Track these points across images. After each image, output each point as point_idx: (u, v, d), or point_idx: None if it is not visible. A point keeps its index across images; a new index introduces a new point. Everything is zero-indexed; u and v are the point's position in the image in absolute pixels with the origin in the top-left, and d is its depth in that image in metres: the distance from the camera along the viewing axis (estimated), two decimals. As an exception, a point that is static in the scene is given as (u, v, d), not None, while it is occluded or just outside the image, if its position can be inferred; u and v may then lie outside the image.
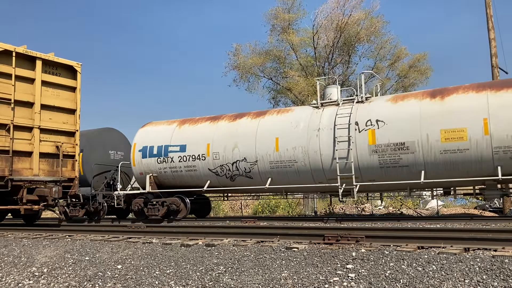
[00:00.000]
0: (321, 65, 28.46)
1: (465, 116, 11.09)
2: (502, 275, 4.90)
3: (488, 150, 10.84)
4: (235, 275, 5.98)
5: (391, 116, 11.94)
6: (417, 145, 11.49)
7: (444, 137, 11.25)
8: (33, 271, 7.33)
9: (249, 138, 13.69)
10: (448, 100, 11.51)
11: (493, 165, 10.88)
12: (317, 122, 12.89)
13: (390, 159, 11.76)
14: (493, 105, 10.87)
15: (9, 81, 11.81)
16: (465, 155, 11.07)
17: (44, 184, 12.27)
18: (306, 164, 12.79)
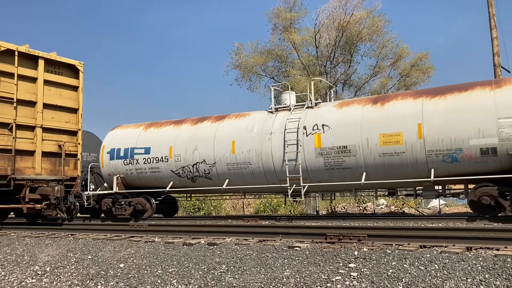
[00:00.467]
0: (323, 64, 28.43)
1: (402, 121, 11.67)
2: (504, 274, 4.90)
3: (422, 153, 11.40)
4: (237, 274, 5.99)
5: (336, 121, 12.56)
6: (358, 148, 12.09)
7: (383, 141, 11.83)
8: (36, 270, 7.35)
9: (209, 141, 14.30)
10: (387, 106, 12.14)
11: (427, 168, 11.44)
12: (270, 126, 13.54)
13: (334, 161, 12.38)
14: (427, 111, 11.47)
15: (12, 80, 11.82)
16: (401, 158, 11.64)
17: (46, 183, 12.29)
18: (259, 166, 13.41)
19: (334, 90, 14.65)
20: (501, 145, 10.62)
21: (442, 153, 11.22)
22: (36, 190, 12.15)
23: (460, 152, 11.05)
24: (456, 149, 11.09)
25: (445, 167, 11.31)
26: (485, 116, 10.82)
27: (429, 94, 11.89)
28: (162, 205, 16.58)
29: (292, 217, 14.30)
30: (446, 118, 11.23)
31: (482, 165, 10.98)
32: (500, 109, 10.70)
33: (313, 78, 14.18)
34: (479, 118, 10.88)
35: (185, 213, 22.84)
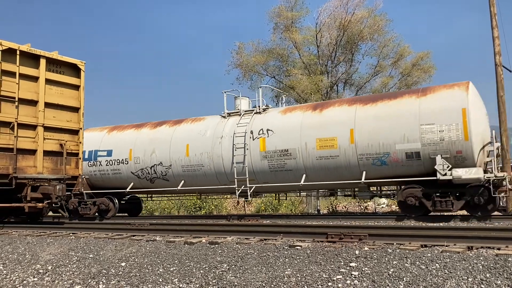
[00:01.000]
0: (324, 63, 28.42)
1: (336, 127, 12.43)
2: (505, 274, 4.90)
3: (354, 157, 12.15)
4: (239, 273, 6.00)
5: (279, 126, 13.35)
6: (298, 152, 12.85)
7: (319, 145, 12.58)
8: (38, 269, 7.37)
9: (165, 144, 15.09)
10: (325, 112, 12.94)
11: (359, 170, 12.18)
12: (221, 131, 14.33)
13: (277, 163, 13.17)
14: (359, 117, 12.23)
15: (13, 79, 11.83)
16: (336, 161, 12.40)
17: (48, 182, 12.30)
18: (211, 168, 14.20)
19: (286, 94, 15.17)
20: (424, 150, 11.34)
21: (372, 157, 11.95)
22: (38, 189, 12.15)
23: (387, 156, 11.75)
24: (384, 153, 11.79)
25: (375, 169, 12.02)
26: (410, 123, 11.52)
27: (362, 101, 12.68)
28: (128, 205, 17.63)
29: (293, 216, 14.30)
30: (375, 124, 11.95)
31: (408, 168, 11.68)
32: (423, 116, 11.41)
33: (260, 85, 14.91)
34: (404, 124, 11.58)
35: (186, 212, 22.87)
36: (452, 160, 11.12)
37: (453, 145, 11.09)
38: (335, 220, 12.25)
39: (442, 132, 11.19)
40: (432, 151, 11.26)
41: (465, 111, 11.08)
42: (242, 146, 13.58)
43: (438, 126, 11.25)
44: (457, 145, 11.07)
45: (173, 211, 23.30)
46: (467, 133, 10.98)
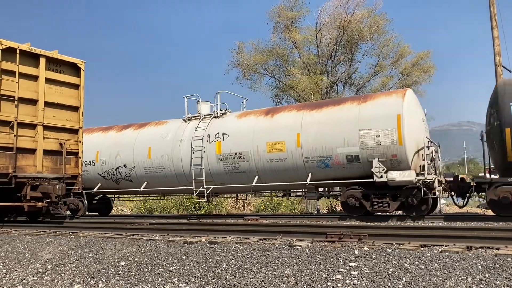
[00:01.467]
0: (324, 63, 28.39)
1: (285, 131, 13.09)
2: (504, 274, 4.91)
3: (301, 160, 12.80)
4: (238, 272, 6.00)
5: (234, 130, 13.99)
6: (250, 155, 13.49)
7: (269, 148, 13.23)
8: (37, 268, 7.37)
9: (129, 147, 15.80)
10: (275, 117, 13.63)
11: (305, 172, 12.79)
12: (181, 134, 14.95)
13: (232, 166, 13.79)
14: (305, 122, 12.91)
15: (13, 78, 11.82)
16: (285, 164, 13.04)
17: (47, 181, 12.29)
18: (171, 169, 14.84)
19: (247, 99, 15.94)
20: (362, 153, 12.00)
21: (316, 160, 12.61)
22: (37, 188, 12.15)
23: (330, 159, 12.42)
24: (327, 156, 12.45)
25: (320, 171, 12.66)
26: (350, 128, 12.20)
27: (309, 107, 13.44)
28: (99, 205, 18.15)
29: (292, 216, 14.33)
30: (319, 129, 12.63)
31: (349, 170, 12.32)
32: (362, 122, 12.10)
33: (220, 91, 15.89)
34: (345, 129, 12.26)
35: (186, 211, 22.89)
36: (389, 163, 11.74)
37: (389, 149, 11.71)
38: (334, 219, 12.26)
39: (378, 137, 11.85)
40: (370, 155, 11.91)
41: (399, 117, 11.71)
42: (200, 149, 14.23)
43: (375, 131, 11.92)
44: (392, 149, 11.69)
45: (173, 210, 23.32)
46: (401, 138, 11.60)
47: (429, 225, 9.31)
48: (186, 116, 15.61)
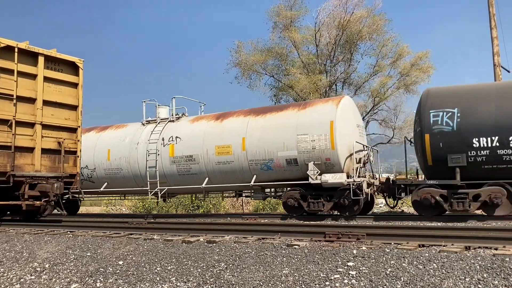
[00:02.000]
0: (323, 63, 28.37)
1: (232, 135, 13.82)
2: (502, 274, 4.91)
3: (246, 163, 13.54)
4: (236, 271, 6.00)
5: (186, 133, 14.68)
6: (200, 157, 14.22)
7: (217, 151, 13.97)
8: (35, 267, 7.36)
9: (91, 149, 16.39)
10: (224, 122, 14.35)
11: (250, 174, 13.55)
12: (138, 137, 15.67)
13: (184, 168, 14.49)
14: (250, 127, 13.69)
15: (11, 77, 11.79)
16: (232, 166, 13.77)
17: (46, 180, 12.27)
18: (129, 171, 15.53)
19: (204, 104, 17.12)
20: (300, 157, 12.77)
21: (260, 162, 13.38)
22: (36, 187, 12.13)
23: (272, 162, 13.19)
24: (269, 159, 13.23)
25: (263, 174, 13.45)
26: (289, 133, 12.98)
27: (255, 113, 14.13)
28: (67, 204, 18.20)
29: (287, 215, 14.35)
30: (263, 133, 13.39)
31: (289, 172, 13.12)
32: (300, 127, 12.88)
33: (176, 96, 16.36)
34: (285, 134, 13.03)
35: (184, 210, 22.88)
36: (323, 166, 12.55)
37: (323, 153, 12.51)
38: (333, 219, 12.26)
39: (314, 142, 12.65)
40: (307, 158, 12.69)
41: (332, 123, 12.50)
42: (155, 151, 14.91)
43: (311, 136, 12.70)
44: (326, 153, 12.49)
45: (171, 209, 23.31)
46: (333, 142, 12.40)
47: (428, 224, 9.32)
48: (144, 120, 16.33)
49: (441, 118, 11.51)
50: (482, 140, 11.02)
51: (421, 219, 11.09)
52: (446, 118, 11.47)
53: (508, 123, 10.81)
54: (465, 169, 11.18)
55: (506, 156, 10.82)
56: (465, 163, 11.14)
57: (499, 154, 10.88)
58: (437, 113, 11.59)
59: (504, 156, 10.84)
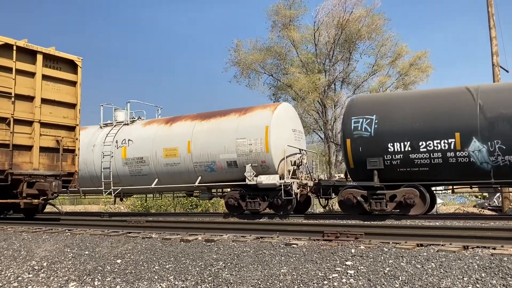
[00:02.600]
0: (322, 62, 28.37)
1: (179, 138, 14.58)
2: (500, 273, 4.91)
3: (191, 164, 14.34)
4: (235, 270, 6.00)
5: (138, 136, 15.41)
6: (150, 159, 15.01)
7: (165, 154, 14.73)
8: (33, 265, 7.35)
9: None
10: (173, 126, 15.11)
11: (196, 175, 14.32)
12: (95, 140, 16.39)
13: (136, 169, 15.22)
14: (195, 131, 14.49)
15: (10, 74, 11.76)
16: (178, 168, 14.55)
17: (44, 178, 12.25)
18: (86, 172, 16.12)
19: (161, 108, 17.83)
20: (239, 159, 13.58)
21: (204, 165, 14.19)
22: (34, 185, 12.10)
23: (214, 164, 14.02)
24: (212, 162, 14.04)
25: (207, 175, 14.25)
26: (230, 137, 13.79)
27: (201, 117, 14.94)
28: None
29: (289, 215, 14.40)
30: (206, 137, 14.19)
31: (230, 174, 13.91)
32: (239, 131, 13.70)
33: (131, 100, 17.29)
34: (226, 138, 13.85)
35: (183, 209, 22.88)
36: (260, 168, 13.35)
37: (259, 156, 13.33)
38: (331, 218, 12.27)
39: (251, 145, 13.49)
40: (245, 161, 13.49)
41: (267, 128, 13.32)
42: (109, 153, 15.64)
43: (248, 140, 13.54)
44: (261, 156, 13.31)
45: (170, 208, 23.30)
46: (268, 146, 13.21)
47: (426, 224, 9.32)
48: (102, 123, 17.04)
49: (361, 124, 12.32)
50: (396, 145, 11.75)
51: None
52: (365, 124, 12.26)
53: (418, 130, 11.52)
54: (382, 172, 11.89)
55: (417, 160, 11.52)
56: (382, 166, 11.86)
57: (411, 158, 11.58)
58: (358, 119, 12.40)
59: (415, 160, 11.54)
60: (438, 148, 11.32)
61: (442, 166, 11.37)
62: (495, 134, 10.85)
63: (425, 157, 11.44)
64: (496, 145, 10.86)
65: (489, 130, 10.92)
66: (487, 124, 10.95)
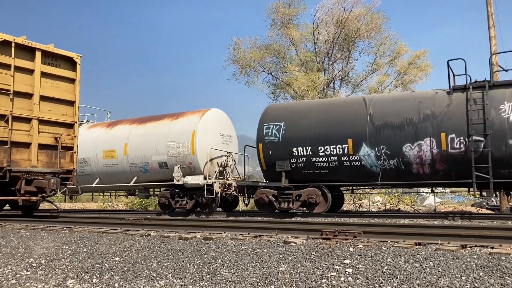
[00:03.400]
0: (321, 61, 28.37)
1: (117, 141, 15.84)
2: (498, 272, 4.92)
3: (127, 165, 15.67)
4: (233, 268, 6.00)
5: (82, 139, 15.64)
6: (92, 160, 16.43)
7: (105, 155, 16.08)
8: (31, 262, 7.34)
9: None
10: (113, 129, 16.43)
11: (132, 175, 15.75)
12: None
13: (79, 169, 15.76)
14: (131, 134, 15.82)
15: (8, 71, 11.75)
16: (116, 168, 15.83)
17: (42, 175, 12.24)
18: None
19: (110, 112, 19.33)
20: (169, 161, 14.88)
21: (138, 166, 15.49)
22: (32, 182, 12.09)
23: (148, 165, 15.31)
24: (145, 163, 15.33)
25: (142, 175, 15.59)
26: (161, 140, 15.07)
27: (139, 122, 16.25)
28: None
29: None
30: (141, 140, 15.50)
31: (162, 174, 15.14)
32: (169, 135, 14.97)
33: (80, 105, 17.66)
34: (158, 141, 15.13)
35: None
36: (187, 169, 14.56)
37: (186, 158, 14.53)
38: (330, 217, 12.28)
39: (179, 148, 14.66)
40: (174, 162, 14.69)
41: (194, 132, 14.56)
42: None
43: (177, 143, 14.74)
44: (188, 158, 14.52)
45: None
46: (194, 149, 14.43)
47: (425, 223, 9.34)
48: None
49: (271, 130, 13.42)
50: (300, 149, 12.81)
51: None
52: (275, 130, 13.37)
53: (318, 136, 12.61)
54: (290, 173, 12.98)
55: (318, 163, 12.61)
56: (289, 168, 12.94)
57: (313, 161, 12.66)
58: (269, 126, 13.50)
59: (316, 163, 12.62)
60: (334, 153, 12.40)
61: (338, 169, 12.44)
62: (381, 140, 11.92)
63: (324, 161, 12.52)
64: (382, 150, 11.92)
65: (376, 137, 11.98)
66: (375, 131, 12.01)
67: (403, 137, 11.69)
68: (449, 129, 11.25)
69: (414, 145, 11.54)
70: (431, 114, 11.52)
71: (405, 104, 12.08)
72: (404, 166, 11.72)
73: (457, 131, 11.17)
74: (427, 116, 11.55)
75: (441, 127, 11.32)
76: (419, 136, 11.50)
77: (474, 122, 10.98)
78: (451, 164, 11.28)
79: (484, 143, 10.84)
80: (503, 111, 10.87)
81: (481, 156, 10.86)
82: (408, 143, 11.60)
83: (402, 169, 11.80)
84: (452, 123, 11.26)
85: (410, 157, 11.60)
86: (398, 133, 11.75)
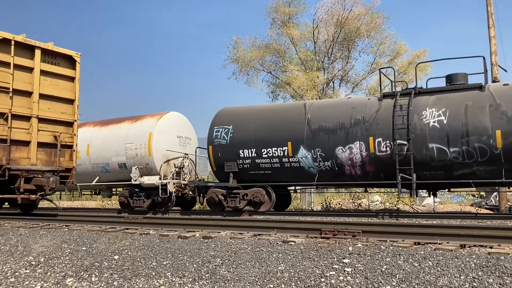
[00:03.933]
0: (321, 60, 28.34)
1: (81, 142, 15.94)
2: (497, 272, 4.93)
3: (90, 166, 16.64)
4: (232, 267, 6.00)
5: None
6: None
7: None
8: (30, 260, 7.34)
9: None
10: (79, 131, 15.79)
11: (94, 175, 16.59)
12: None
13: None
14: (93, 136, 16.80)
15: (8, 69, 11.73)
16: (80, 168, 16.16)
17: (41, 173, 12.23)
18: None
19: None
20: (128, 162, 15.70)
21: (100, 166, 16.38)
22: (31, 180, 12.08)
23: (108, 165, 16.10)
24: (106, 164, 16.15)
25: (103, 175, 16.48)
26: (121, 142, 15.92)
27: (101, 124, 17.20)
28: None
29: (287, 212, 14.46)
30: (102, 141, 16.38)
31: (122, 174, 15.90)
32: (128, 137, 15.84)
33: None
34: (118, 142, 15.93)
35: None
36: (145, 170, 15.37)
37: (143, 159, 15.35)
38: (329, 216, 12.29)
39: (137, 149, 15.52)
40: (132, 163, 15.51)
41: (151, 134, 15.42)
42: None
43: (135, 145, 15.57)
44: (145, 159, 15.37)
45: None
46: (150, 150, 15.29)
47: (423, 222, 9.34)
48: None
49: (220, 133, 14.07)
50: (246, 151, 13.48)
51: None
52: (223, 133, 14.01)
53: (262, 138, 13.31)
54: (237, 174, 13.66)
55: (261, 164, 13.33)
56: (236, 169, 13.61)
57: (257, 163, 13.38)
58: (219, 129, 14.17)
59: (260, 164, 13.35)
60: (276, 155, 13.12)
61: (280, 170, 13.18)
62: (316, 143, 12.68)
63: (267, 162, 13.24)
64: (317, 152, 12.66)
65: (312, 140, 12.73)
66: (311, 135, 12.76)
67: (335, 140, 12.46)
68: (376, 133, 12.01)
69: (345, 148, 12.33)
70: (361, 119, 12.31)
71: (339, 109, 12.87)
72: (338, 168, 12.51)
73: (384, 135, 11.92)
74: (358, 121, 12.34)
75: (370, 131, 12.10)
76: (349, 139, 12.29)
77: (398, 127, 11.68)
78: (379, 166, 12.03)
79: (407, 147, 11.55)
80: (425, 116, 11.58)
81: (404, 159, 11.59)
82: (340, 146, 12.39)
83: (336, 171, 12.57)
84: (379, 127, 12.02)
85: (343, 159, 12.38)
86: (331, 136, 12.55)
